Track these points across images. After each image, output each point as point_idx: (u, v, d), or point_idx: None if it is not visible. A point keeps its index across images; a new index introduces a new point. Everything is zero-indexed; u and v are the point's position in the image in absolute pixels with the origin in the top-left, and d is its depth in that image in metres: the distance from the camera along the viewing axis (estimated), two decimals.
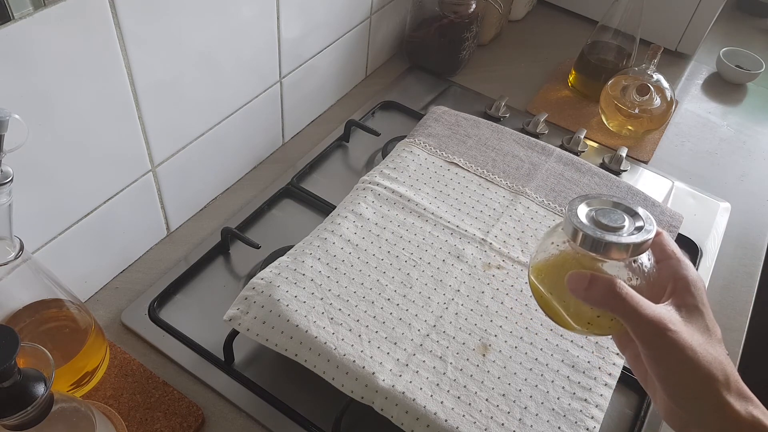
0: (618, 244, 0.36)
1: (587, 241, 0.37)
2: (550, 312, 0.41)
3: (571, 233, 0.37)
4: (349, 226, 0.64)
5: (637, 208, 0.39)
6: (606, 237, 0.36)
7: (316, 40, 0.80)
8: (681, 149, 0.92)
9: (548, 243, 0.41)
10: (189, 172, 0.69)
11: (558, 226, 0.41)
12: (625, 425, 0.59)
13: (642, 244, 0.37)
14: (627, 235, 0.37)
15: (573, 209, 0.38)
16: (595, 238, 0.36)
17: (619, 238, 0.37)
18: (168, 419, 0.54)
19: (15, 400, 0.36)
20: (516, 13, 1.12)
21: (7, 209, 0.42)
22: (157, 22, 0.55)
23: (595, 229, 0.37)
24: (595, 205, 0.39)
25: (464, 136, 0.77)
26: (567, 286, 0.37)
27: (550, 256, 0.40)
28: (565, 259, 0.39)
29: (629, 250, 0.36)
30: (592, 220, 0.38)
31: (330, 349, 0.53)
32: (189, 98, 0.63)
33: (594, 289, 0.36)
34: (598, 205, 0.39)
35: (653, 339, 0.35)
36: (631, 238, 0.37)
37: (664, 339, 0.35)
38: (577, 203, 0.39)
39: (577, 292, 0.37)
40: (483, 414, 0.51)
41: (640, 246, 0.37)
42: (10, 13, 0.43)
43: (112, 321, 0.62)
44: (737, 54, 1.08)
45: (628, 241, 0.36)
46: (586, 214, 0.38)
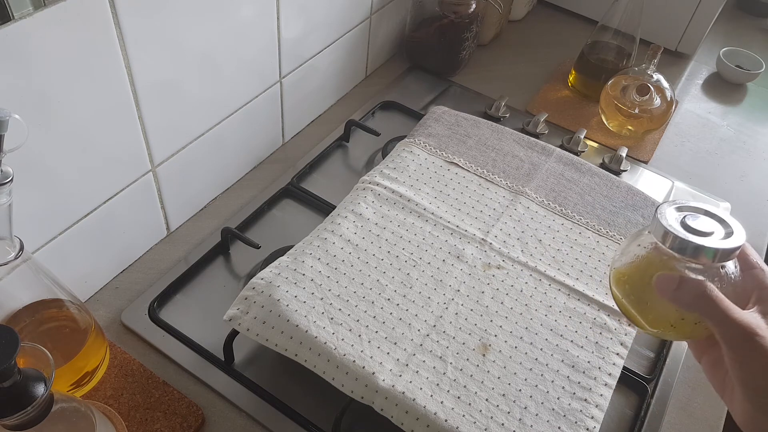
0: (708, 248, 0.37)
1: (677, 243, 0.37)
2: (629, 314, 0.41)
3: (661, 235, 0.38)
4: (349, 226, 0.64)
5: (727, 216, 0.39)
6: (697, 240, 0.37)
7: (316, 40, 0.80)
8: (681, 149, 0.92)
9: (633, 246, 0.41)
10: (189, 172, 0.69)
11: (643, 230, 0.41)
12: (625, 425, 0.59)
13: (732, 251, 0.37)
14: (717, 240, 0.37)
15: (662, 212, 0.39)
16: (685, 240, 0.37)
17: (710, 242, 0.37)
18: (168, 419, 0.54)
19: (15, 400, 0.36)
20: (516, 13, 1.12)
21: (7, 209, 0.42)
22: (157, 22, 0.55)
23: (685, 232, 0.37)
24: (685, 211, 0.39)
25: (464, 136, 0.77)
26: (655, 286, 0.38)
27: (634, 258, 0.40)
28: (650, 262, 0.39)
29: (718, 255, 0.37)
30: (682, 223, 0.38)
31: (330, 349, 0.53)
32: (189, 98, 0.63)
33: (684, 291, 0.36)
34: (687, 210, 0.40)
35: (742, 343, 0.35)
36: (721, 243, 0.37)
37: (752, 343, 0.35)
38: (666, 207, 0.39)
39: (666, 293, 0.37)
40: (483, 414, 0.51)
41: (729, 252, 0.37)
42: (10, 13, 0.43)
43: (112, 321, 0.62)
44: (737, 54, 1.08)
45: (718, 246, 0.37)
46: (675, 218, 0.39)
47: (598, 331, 0.59)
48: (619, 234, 0.68)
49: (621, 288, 0.41)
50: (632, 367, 0.62)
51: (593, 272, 0.64)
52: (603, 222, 0.69)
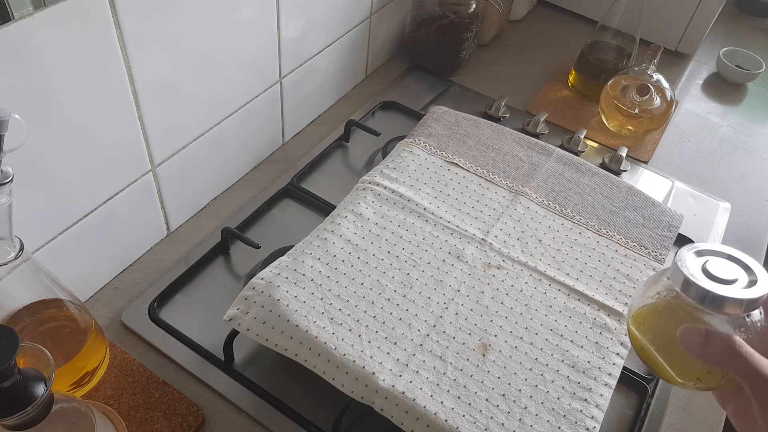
0: (733, 300, 0.35)
1: (699, 294, 0.35)
2: (650, 363, 0.39)
3: (682, 284, 0.36)
4: (349, 226, 0.64)
5: (749, 259, 0.37)
6: (721, 291, 0.35)
7: (316, 40, 0.80)
8: (681, 149, 0.92)
9: (652, 291, 0.39)
10: (189, 172, 0.69)
11: (663, 275, 0.39)
12: (625, 425, 0.59)
13: (758, 299, 0.35)
14: (741, 289, 0.35)
15: (682, 259, 0.37)
16: (708, 291, 0.35)
17: (735, 293, 0.35)
18: (168, 419, 0.54)
19: (15, 400, 0.36)
20: (516, 13, 1.12)
21: (7, 209, 0.42)
22: (158, 22, 0.55)
23: (707, 281, 0.35)
24: (706, 255, 0.37)
25: (464, 136, 0.77)
26: (680, 341, 0.36)
27: (654, 305, 0.38)
28: (671, 309, 0.37)
29: (743, 306, 0.35)
30: (704, 270, 0.36)
31: (330, 349, 0.53)
32: (189, 98, 0.63)
33: (711, 347, 0.35)
34: (709, 254, 0.38)
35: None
36: (747, 293, 0.35)
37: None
38: (685, 252, 0.37)
39: (692, 348, 0.35)
40: (483, 414, 0.51)
41: (756, 301, 0.35)
42: (10, 13, 0.43)
43: (112, 321, 0.62)
44: (737, 54, 1.08)
45: (744, 297, 0.35)
46: (696, 264, 0.36)
47: (598, 331, 0.59)
48: (619, 234, 0.68)
49: (642, 336, 0.39)
50: (632, 367, 0.62)
51: (593, 272, 0.64)
52: (603, 222, 0.69)
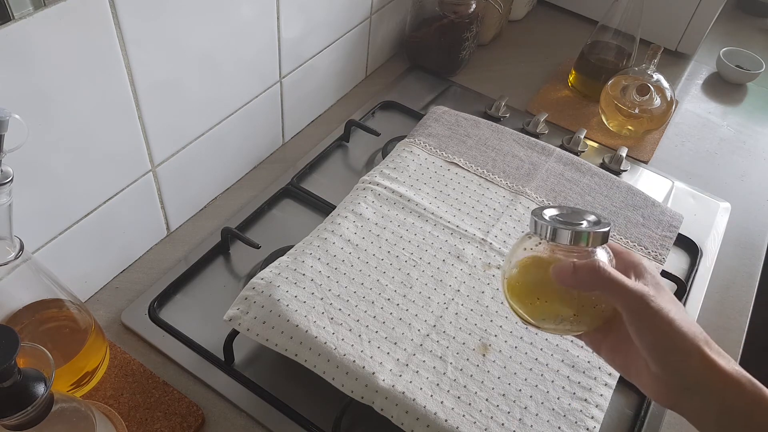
0: (593, 233, 0.40)
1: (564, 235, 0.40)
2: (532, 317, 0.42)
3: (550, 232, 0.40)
4: (349, 226, 0.64)
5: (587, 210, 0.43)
6: (582, 228, 0.40)
7: (316, 40, 0.80)
8: (681, 149, 0.92)
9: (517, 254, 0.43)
10: (189, 172, 0.69)
11: (523, 239, 0.43)
12: (625, 425, 0.59)
13: (608, 233, 0.40)
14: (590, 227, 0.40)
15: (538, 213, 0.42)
16: (572, 230, 0.40)
17: (594, 228, 0.40)
18: (168, 419, 0.54)
19: (15, 400, 0.36)
20: (516, 13, 1.12)
21: (7, 209, 0.42)
22: (158, 22, 0.55)
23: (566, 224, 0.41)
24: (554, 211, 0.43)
25: (464, 136, 0.78)
26: (553, 276, 0.40)
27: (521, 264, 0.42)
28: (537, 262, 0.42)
29: (600, 238, 0.40)
30: (558, 221, 0.41)
31: (330, 349, 0.53)
32: (189, 98, 0.63)
33: (580, 273, 0.39)
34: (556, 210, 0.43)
35: (640, 309, 0.38)
36: (600, 228, 0.40)
37: (650, 306, 0.37)
38: (538, 210, 0.43)
39: (566, 280, 0.39)
40: (483, 414, 0.51)
41: (607, 234, 0.40)
42: (10, 13, 0.43)
43: (112, 321, 0.62)
44: (737, 54, 1.08)
45: (600, 230, 0.40)
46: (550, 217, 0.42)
47: None
48: (619, 234, 0.68)
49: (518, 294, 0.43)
50: None
51: None
52: None
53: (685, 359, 0.37)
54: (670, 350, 0.37)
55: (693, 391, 0.38)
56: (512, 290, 0.43)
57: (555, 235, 0.40)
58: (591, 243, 0.40)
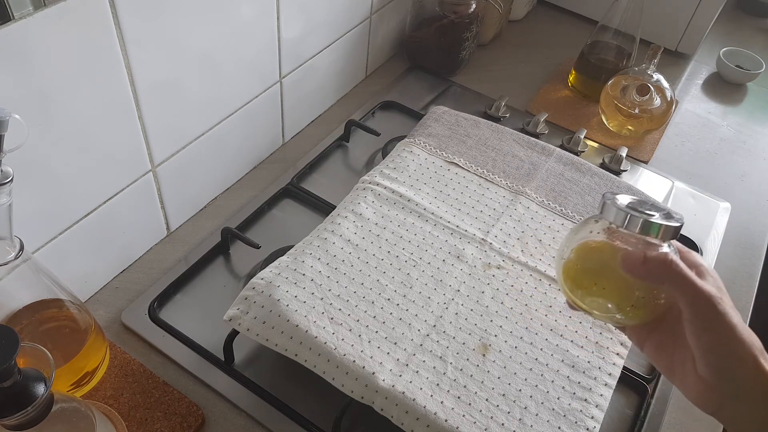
0: (665, 226, 0.38)
1: (635, 222, 0.38)
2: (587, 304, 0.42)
3: (622, 218, 0.39)
4: (349, 226, 0.64)
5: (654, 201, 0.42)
6: (655, 220, 0.38)
7: (316, 40, 0.80)
8: (681, 149, 0.92)
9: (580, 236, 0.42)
10: (189, 172, 0.69)
11: (587, 222, 0.42)
12: (625, 425, 0.59)
13: (679, 229, 0.39)
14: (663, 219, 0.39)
15: (613, 199, 0.40)
16: (645, 220, 0.38)
17: (668, 221, 0.39)
18: (168, 419, 0.54)
19: (15, 400, 0.36)
20: (516, 13, 1.12)
21: (7, 209, 0.42)
22: (158, 22, 0.55)
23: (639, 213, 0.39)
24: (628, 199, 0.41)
25: (464, 136, 0.77)
26: (622, 264, 0.39)
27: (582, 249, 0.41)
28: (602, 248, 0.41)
29: (672, 233, 0.39)
30: (630, 209, 0.39)
31: (330, 349, 0.53)
32: (189, 98, 0.63)
33: (650, 263, 0.38)
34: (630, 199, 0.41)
35: (707, 309, 0.37)
36: (673, 222, 0.39)
37: (716, 308, 0.36)
38: (610, 195, 0.41)
39: (634, 269, 0.38)
40: (483, 414, 0.51)
41: (679, 230, 0.39)
42: (10, 13, 0.43)
43: (112, 321, 0.62)
44: (737, 54, 1.08)
45: (672, 224, 0.38)
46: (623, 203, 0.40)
47: (598, 331, 0.59)
48: None
49: (574, 278, 0.42)
50: (632, 367, 0.62)
51: None
52: None
53: (740, 366, 0.37)
54: (727, 355, 0.37)
55: (741, 399, 0.37)
56: (568, 273, 0.42)
57: (627, 221, 0.39)
58: (661, 236, 0.39)
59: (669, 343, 0.41)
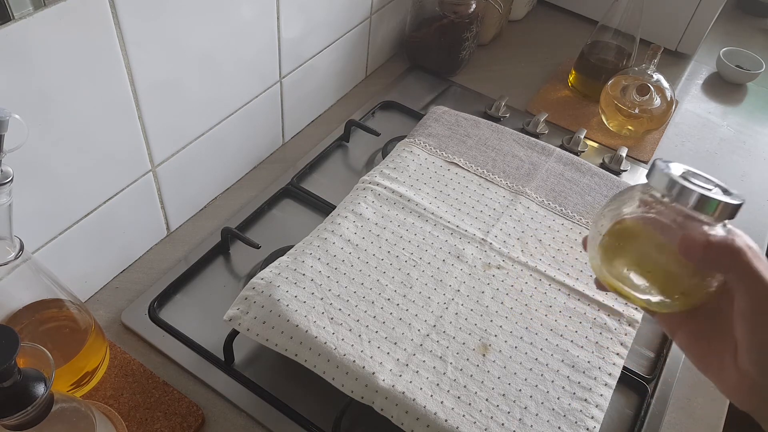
0: (724, 203, 0.33)
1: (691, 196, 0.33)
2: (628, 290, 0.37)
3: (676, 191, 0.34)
4: (349, 226, 0.64)
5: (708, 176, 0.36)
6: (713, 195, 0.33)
7: (316, 40, 0.80)
8: (681, 149, 0.92)
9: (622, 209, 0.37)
10: (189, 172, 0.69)
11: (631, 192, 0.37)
12: (625, 425, 0.59)
13: (738, 207, 0.34)
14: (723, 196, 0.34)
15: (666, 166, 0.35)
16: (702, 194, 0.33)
17: (727, 198, 0.34)
18: (168, 419, 0.54)
19: (15, 400, 0.36)
20: (516, 13, 1.12)
21: (7, 209, 0.42)
22: (158, 22, 0.55)
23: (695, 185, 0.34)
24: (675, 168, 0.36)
25: (464, 136, 0.77)
26: (680, 249, 0.34)
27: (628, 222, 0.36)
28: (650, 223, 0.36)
29: (730, 211, 0.34)
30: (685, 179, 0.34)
31: (330, 349, 0.53)
32: (189, 98, 0.63)
33: (717, 250, 0.33)
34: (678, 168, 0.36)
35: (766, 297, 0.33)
36: (734, 200, 0.34)
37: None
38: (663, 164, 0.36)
39: (694, 253, 0.34)
40: (483, 414, 0.51)
41: (739, 208, 0.34)
42: (10, 13, 0.43)
43: (112, 321, 0.62)
44: (737, 54, 1.08)
45: (732, 202, 0.34)
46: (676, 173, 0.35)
47: (598, 331, 0.59)
48: None
49: (613, 257, 0.37)
50: (632, 367, 0.62)
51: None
52: None
53: None
54: None
55: None
56: (605, 250, 0.37)
57: (680, 194, 0.33)
58: (718, 215, 0.34)
59: (707, 331, 0.37)
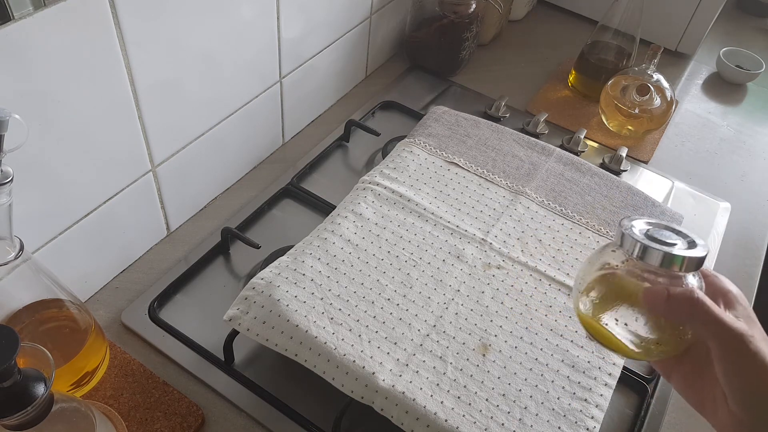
0: (689, 258, 0.36)
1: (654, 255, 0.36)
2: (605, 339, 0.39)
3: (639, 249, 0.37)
4: (349, 226, 0.64)
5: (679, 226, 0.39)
6: (676, 251, 0.36)
7: (316, 40, 0.80)
8: (681, 149, 0.92)
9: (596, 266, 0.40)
10: (189, 172, 0.69)
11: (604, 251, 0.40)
12: (625, 425, 0.59)
13: (704, 258, 0.36)
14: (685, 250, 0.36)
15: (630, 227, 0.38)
16: (665, 252, 0.36)
17: (691, 252, 0.36)
18: (168, 419, 0.54)
19: (15, 400, 0.36)
20: (516, 13, 1.12)
21: (7, 209, 0.42)
22: (158, 22, 0.55)
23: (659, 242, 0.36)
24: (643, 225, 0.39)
25: (464, 136, 0.77)
26: (643, 301, 0.36)
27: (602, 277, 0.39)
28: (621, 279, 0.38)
29: (695, 264, 0.36)
30: (649, 237, 0.37)
31: (330, 349, 0.53)
32: (189, 98, 0.63)
33: (675, 300, 0.35)
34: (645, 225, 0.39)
35: (737, 349, 0.35)
36: (698, 252, 0.36)
37: (748, 348, 0.34)
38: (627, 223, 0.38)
39: (657, 305, 0.36)
40: (483, 414, 0.51)
41: (704, 260, 0.36)
42: (10, 13, 0.43)
43: (112, 321, 0.62)
44: (737, 54, 1.08)
45: (695, 255, 0.36)
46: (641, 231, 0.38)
47: None
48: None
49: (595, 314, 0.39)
50: (632, 367, 0.62)
51: None
52: (603, 222, 0.69)
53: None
54: (761, 396, 0.34)
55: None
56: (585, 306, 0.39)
57: (646, 254, 0.36)
58: (685, 268, 0.36)
59: (697, 375, 0.38)
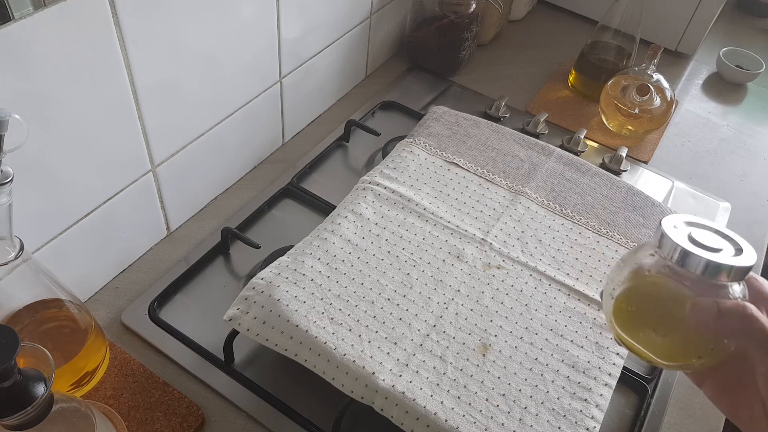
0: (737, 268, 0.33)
1: (698, 262, 0.33)
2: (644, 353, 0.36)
3: (684, 257, 0.33)
4: (349, 226, 0.64)
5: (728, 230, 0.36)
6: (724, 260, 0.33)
7: (316, 40, 0.80)
8: (681, 149, 0.92)
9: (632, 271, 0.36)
10: (189, 172, 0.69)
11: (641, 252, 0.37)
12: (625, 425, 0.59)
13: (751, 267, 0.34)
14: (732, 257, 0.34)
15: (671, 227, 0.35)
16: (711, 260, 0.33)
17: (738, 261, 0.33)
18: (168, 419, 0.54)
19: (15, 400, 0.36)
20: (516, 13, 1.12)
21: (7, 209, 0.42)
22: (158, 22, 0.55)
23: (702, 250, 0.33)
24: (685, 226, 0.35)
25: (464, 136, 0.78)
26: (690, 317, 0.33)
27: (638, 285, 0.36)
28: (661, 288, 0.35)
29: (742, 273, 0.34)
30: (692, 241, 0.34)
31: (330, 349, 0.53)
32: (189, 98, 0.63)
33: (728, 317, 0.33)
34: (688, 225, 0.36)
35: None
36: (745, 261, 0.33)
37: None
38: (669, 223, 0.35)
39: (707, 324, 0.34)
40: (483, 414, 0.51)
41: (750, 269, 0.34)
42: (10, 13, 0.43)
43: (112, 321, 0.62)
44: (737, 54, 1.08)
45: (743, 265, 0.33)
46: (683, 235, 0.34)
47: (598, 331, 0.59)
48: (619, 234, 0.68)
49: (627, 321, 0.36)
50: (632, 367, 0.62)
51: (593, 272, 0.64)
52: (603, 222, 0.69)
53: None
54: None
55: None
56: (619, 314, 0.36)
57: (687, 259, 0.33)
58: (732, 278, 0.33)
59: (732, 384, 0.37)
